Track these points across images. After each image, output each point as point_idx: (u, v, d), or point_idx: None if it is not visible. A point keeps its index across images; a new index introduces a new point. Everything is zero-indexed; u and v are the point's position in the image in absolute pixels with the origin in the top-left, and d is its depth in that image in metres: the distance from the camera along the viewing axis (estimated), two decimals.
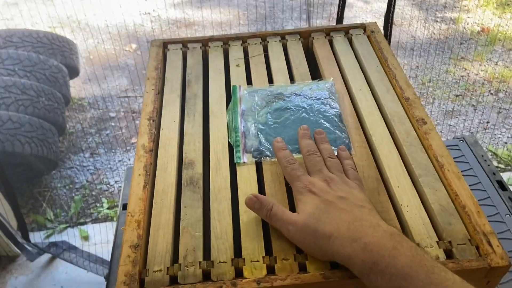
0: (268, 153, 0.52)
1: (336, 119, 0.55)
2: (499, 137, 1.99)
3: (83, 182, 1.91)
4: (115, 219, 1.74)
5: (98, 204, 1.81)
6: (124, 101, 2.36)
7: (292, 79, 0.62)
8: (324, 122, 0.54)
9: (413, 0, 2.91)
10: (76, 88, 2.41)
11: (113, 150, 2.07)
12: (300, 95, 0.58)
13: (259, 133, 0.54)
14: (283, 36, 0.69)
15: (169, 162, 0.52)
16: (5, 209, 1.52)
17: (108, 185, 1.90)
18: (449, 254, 0.42)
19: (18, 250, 1.55)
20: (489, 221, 0.82)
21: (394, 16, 1.36)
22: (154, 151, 0.53)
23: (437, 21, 2.73)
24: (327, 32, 0.69)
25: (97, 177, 1.94)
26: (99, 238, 1.62)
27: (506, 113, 2.10)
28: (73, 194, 1.85)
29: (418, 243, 0.42)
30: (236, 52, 0.68)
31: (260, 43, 0.69)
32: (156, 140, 0.55)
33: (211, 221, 0.46)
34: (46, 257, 1.56)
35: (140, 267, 0.42)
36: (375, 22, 0.69)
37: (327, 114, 0.55)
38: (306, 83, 0.60)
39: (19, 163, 1.68)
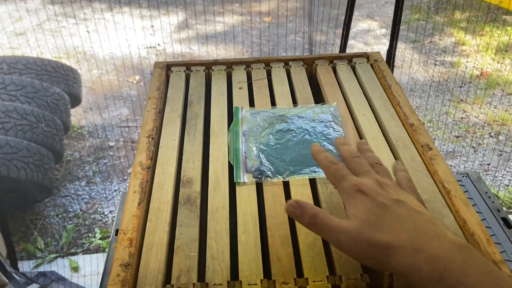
0: (269, 173, 0.50)
1: None
2: (500, 180, 1.98)
3: (77, 211, 1.87)
4: (107, 250, 1.69)
5: (90, 234, 1.76)
6: (124, 131, 2.35)
7: (295, 102, 0.62)
8: (328, 145, 0.53)
9: (412, 44, 2.98)
10: (77, 116, 2.41)
11: (110, 180, 2.05)
12: (303, 117, 0.57)
13: (260, 154, 0.53)
14: (286, 62, 0.70)
15: (166, 180, 0.50)
16: None
17: (102, 215, 1.86)
18: None
19: (6, 279, 1.49)
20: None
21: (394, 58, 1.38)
22: (151, 169, 0.52)
23: (436, 64, 2.79)
24: (331, 60, 0.70)
25: (92, 206, 1.90)
26: (89, 269, 1.57)
27: (507, 155, 2.09)
28: (66, 223, 1.81)
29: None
30: (239, 76, 0.67)
31: (264, 68, 0.69)
32: (154, 157, 0.53)
33: (207, 240, 0.43)
34: (34, 287, 1.50)
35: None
36: (378, 52, 0.70)
37: (330, 136, 0.54)
38: (309, 106, 0.60)
39: (13, 188, 1.65)
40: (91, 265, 1.58)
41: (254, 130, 0.56)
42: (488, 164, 2.04)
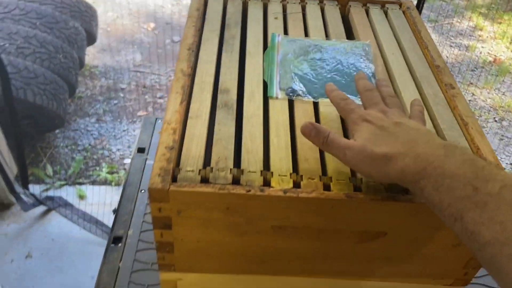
0: (300, 93, 0.54)
1: (369, 75, 0.57)
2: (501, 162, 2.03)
3: (86, 145, 1.92)
4: (113, 184, 1.75)
5: (98, 168, 1.82)
6: (136, 75, 2.37)
7: (328, 37, 0.65)
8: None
9: (431, 24, 2.96)
10: (91, 56, 2.43)
11: (119, 120, 2.09)
12: (337, 49, 0.61)
13: (294, 76, 0.57)
14: (321, 0, 0.72)
15: (205, 87, 0.54)
16: (8, 156, 1.53)
17: (110, 151, 1.92)
18: None
19: (13, 199, 1.56)
20: None
21: None
22: (191, 77, 0.55)
23: (451, 46, 2.79)
24: (364, 3, 0.72)
25: (100, 142, 1.95)
26: (96, 199, 1.63)
27: (508, 141, 2.14)
28: (75, 155, 1.86)
29: None
30: (275, 8, 0.70)
31: (299, 3, 0.71)
32: (193, 67, 0.57)
33: (243, 139, 0.48)
34: (40, 210, 1.56)
35: (174, 166, 0.44)
36: (411, 1, 0.72)
37: (361, 69, 0.58)
38: (343, 41, 0.63)
39: (27, 115, 1.69)
40: (99, 195, 1.64)
41: (289, 56, 0.60)
42: None
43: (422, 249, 0.47)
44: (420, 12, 1.17)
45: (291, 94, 0.54)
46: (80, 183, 1.72)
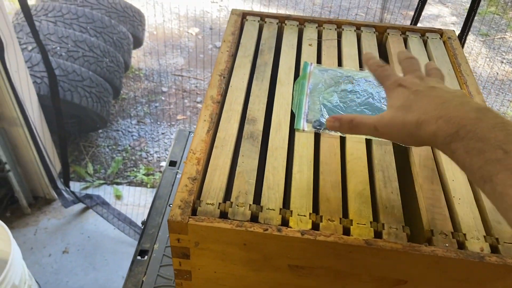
0: None
1: None
2: None
3: (126, 146, 1.99)
4: (149, 185, 1.80)
5: (135, 169, 1.88)
6: (177, 79, 2.43)
7: (361, 67, 0.64)
8: None
9: (482, 37, 2.84)
10: (136, 58, 2.51)
11: (159, 122, 2.15)
12: (369, 81, 0.59)
13: (323, 108, 0.56)
14: (358, 27, 0.71)
15: (233, 116, 0.54)
16: (52, 153, 1.61)
17: (147, 153, 1.97)
18: (494, 250, 0.42)
19: (55, 195, 1.64)
20: None
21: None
22: (220, 104, 0.56)
23: (503, 62, 2.65)
24: (403, 31, 0.70)
25: (139, 144, 2.02)
26: (131, 199, 1.69)
27: None
28: (115, 155, 1.93)
29: (465, 233, 0.43)
30: (310, 33, 0.70)
31: (335, 29, 0.71)
32: (223, 94, 0.58)
33: (265, 173, 0.48)
34: (79, 207, 1.64)
35: (195, 198, 0.45)
36: (453, 30, 0.70)
37: None
38: None
39: (73, 114, 1.77)
40: (134, 196, 1.70)
41: (320, 86, 0.59)
42: None
43: None
44: (468, 30, 1.12)
45: (318, 127, 0.54)
46: (118, 183, 1.79)
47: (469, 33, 1.32)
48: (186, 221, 0.42)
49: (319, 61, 0.65)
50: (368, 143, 0.53)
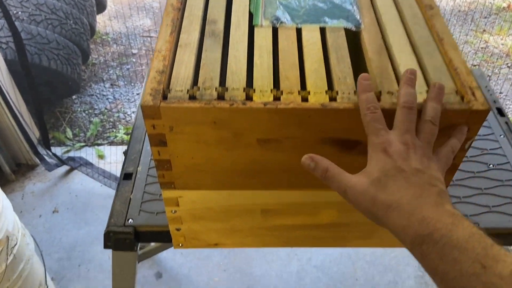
0: (284, 20, 0.57)
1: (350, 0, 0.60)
2: (509, 107, 2.01)
3: (102, 109, 1.99)
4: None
5: (114, 130, 1.89)
6: (146, 41, 2.41)
7: None
8: None
9: None
10: (102, 23, 2.47)
11: (132, 84, 2.14)
12: None
13: (279, 4, 0.59)
14: None
15: (194, 20, 0.57)
16: (29, 120, 1.61)
17: (125, 114, 1.98)
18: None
19: (37, 160, 1.65)
20: (483, 139, 0.86)
21: None
22: (181, 11, 0.59)
23: None
24: None
25: (116, 106, 2.02)
26: (114, 158, 1.71)
27: None
28: (92, 118, 1.93)
29: None
30: None
31: None
32: (183, 2, 0.60)
33: (228, 62, 0.51)
34: (63, 169, 1.66)
35: (164, 87, 0.48)
36: None
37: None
38: None
39: (44, 81, 1.76)
40: (116, 155, 1.72)
41: None
42: (501, 93, 2.06)
43: None
44: None
45: (275, 21, 0.57)
46: (99, 144, 1.80)
47: None
48: (158, 105, 0.46)
49: None
50: (322, 31, 0.56)
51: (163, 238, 0.68)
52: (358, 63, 0.53)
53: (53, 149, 1.70)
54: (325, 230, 0.64)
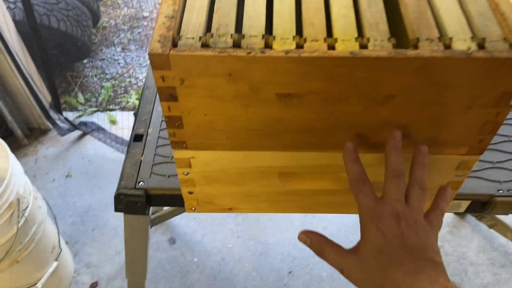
0: None
1: None
2: None
3: (113, 74, 1.95)
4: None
5: (126, 95, 1.86)
6: (158, 3, 2.33)
7: None
8: None
9: None
10: None
11: (144, 48, 2.09)
12: None
13: None
14: None
15: None
16: (40, 84, 1.58)
17: (137, 79, 1.94)
18: (481, 48, 0.41)
19: (50, 125, 1.63)
20: None
21: None
22: None
23: None
24: None
25: (127, 70, 1.98)
26: (126, 123, 1.69)
27: None
28: (103, 83, 1.90)
29: (452, 37, 0.42)
30: None
31: None
32: None
33: (245, 6, 0.46)
34: (75, 134, 1.64)
35: (174, 33, 0.43)
36: None
37: None
38: None
39: (55, 44, 1.72)
40: (128, 120, 1.69)
41: None
42: None
43: (433, 113, 0.46)
44: None
45: None
46: (111, 109, 1.77)
47: None
48: (167, 53, 0.41)
49: None
50: None
51: (175, 201, 0.65)
52: (392, 8, 0.47)
53: (65, 113, 1.68)
54: (348, 196, 0.60)
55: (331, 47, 0.42)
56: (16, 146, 1.57)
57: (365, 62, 0.41)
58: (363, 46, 0.42)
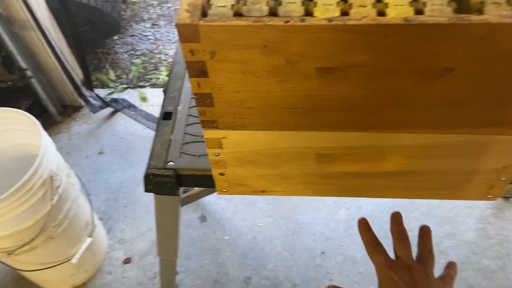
0: None
1: None
2: None
3: (144, 50, 1.93)
4: None
5: (157, 72, 1.84)
6: None
7: None
8: None
9: None
10: None
11: (173, 23, 2.05)
12: None
13: None
14: None
15: None
16: (72, 61, 1.58)
17: (167, 56, 1.92)
18: None
19: (82, 102, 1.64)
20: None
21: None
22: None
23: None
24: None
25: (157, 47, 1.95)
26: (157, 100, 1.67)
27: None
28: (134, 60, 1.89)
29: None
30: None
31: None
32: None
33: None
34: (107, 111, 1.64)
35: (204, 2, 0.39)
36: None
37: None
38: None
39: (85, 20, 1.71)
40: (159, 97, 1.68)
41: None
42: None
43: (497, 89, 0.40)
44: None
45: None
46: (141, 86, 1.76)
47: None
48: (196, 23, 0.37)
49: None
50: None
51: (206, 182, 0.63)
52: None
53: (96, 90, 1.68)
54: (390, 179, 0.55)
55: (381, 13, 0.37)
56: (50, 123, 1.59)
57: (421, 30, 0.36)
58: (418, 12, 0.37)
